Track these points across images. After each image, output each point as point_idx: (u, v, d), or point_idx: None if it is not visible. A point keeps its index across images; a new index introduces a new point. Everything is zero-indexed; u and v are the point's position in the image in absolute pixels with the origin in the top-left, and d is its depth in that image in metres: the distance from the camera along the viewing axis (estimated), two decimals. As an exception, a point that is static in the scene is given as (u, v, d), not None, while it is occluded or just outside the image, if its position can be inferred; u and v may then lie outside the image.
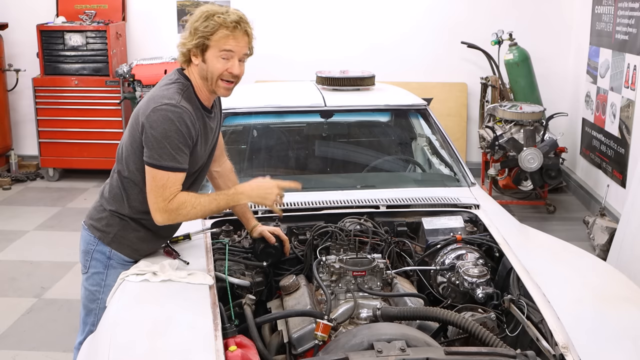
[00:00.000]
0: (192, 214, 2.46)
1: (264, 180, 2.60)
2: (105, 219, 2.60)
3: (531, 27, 6.86)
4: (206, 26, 2.41)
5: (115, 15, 7.10)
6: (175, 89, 2.46)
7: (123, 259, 2.61)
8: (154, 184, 2.41)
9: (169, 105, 2.39)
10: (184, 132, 2.39)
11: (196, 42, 2.43)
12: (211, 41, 2.43)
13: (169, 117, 2.37)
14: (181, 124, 2.39)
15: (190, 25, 2.45)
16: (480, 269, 2.70)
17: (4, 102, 7.17)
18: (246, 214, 2.88)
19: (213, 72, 2.46)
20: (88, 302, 2.65)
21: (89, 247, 2.62)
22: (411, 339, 2.07)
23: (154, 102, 2.43)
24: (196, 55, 2.47)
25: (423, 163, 4.07)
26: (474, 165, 6.50)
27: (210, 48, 2.44)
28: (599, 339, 2.13)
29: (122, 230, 2.59)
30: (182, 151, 2.41)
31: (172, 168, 2.39)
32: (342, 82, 4.10)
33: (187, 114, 2.41)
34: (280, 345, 2.44)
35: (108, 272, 2.60)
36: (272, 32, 6.96)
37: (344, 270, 2.67)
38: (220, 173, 2.89)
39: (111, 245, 2.59)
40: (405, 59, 7.11)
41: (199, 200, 2.46)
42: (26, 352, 3.76)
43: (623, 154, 5.45)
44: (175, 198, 2.41)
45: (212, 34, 2.42)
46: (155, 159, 2.39)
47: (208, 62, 2.46)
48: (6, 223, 5.80)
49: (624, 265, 4.17)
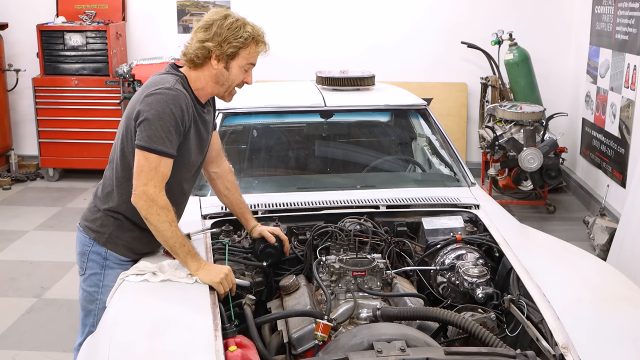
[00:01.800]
0: (163, 227, 2.37)
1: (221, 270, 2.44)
2: (100, 219, 2.59)
3: (531, 27, 6.86)
4: (239, 36, 2.43)
5: (115, 15, 7.10)
6: (170, 77, 2.48)
7: (119, 258, 2.59)
8: (147, 165, 2.36)
9: (164, 88, 2.40)
10: (177, 115, 2.38)
11: (230, 51, 2.43)
12: (241, 52, 2.45)
13: (163, 99, 2.38)
14: (176, 106, 2.38)
15: (219, 29, 2.43)
16: (480, 269, 2.70)
17: (4, 102, 7.17)
18: (245, 215, 2.88)
19: (234, 81, 2.50)
20: (86, 303, 2.65)
21: (84, 249, 2.61)
22: (411, 339, 2.07)
23: (147, 88, 2.44)
24: (220, 61, 2.46)
25: (423, 163, 4.07)
26: (474, 165, 6.50)
27: (238, 58, 2.46)
28: (599, 339, 2.13)
29: (117, 230, 2.58)
30: (173, 135, 2.38)
31: (161, 152, 2.37)
32: (342, 82, 4.10)
33: (182, 96, 2.42)
34: (280, 345, 2.44)
35: (105, 273, 2.59)
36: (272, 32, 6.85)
37: (344, 270, 2.67)
38: (218, 174, 2.88)
39: (106, 245, 2.58)
40: (405, 59, 7.11)
41: (176, 225, 2.40)
42: (26, 352, 3.76)
43: (623, 154, 5.45)
44: (165, 197, 2.38)
45: (244, 47, 2.45)
46: (145, 141, 2.36)
47: (231, 71, 2.48)
48: (6, 223, 5.80)
49: (624, 265, 4.17)
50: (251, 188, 3.47)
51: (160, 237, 2.40)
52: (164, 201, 2.38)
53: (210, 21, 2.46)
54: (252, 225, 2.86)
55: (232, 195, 2.89)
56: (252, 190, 3.38)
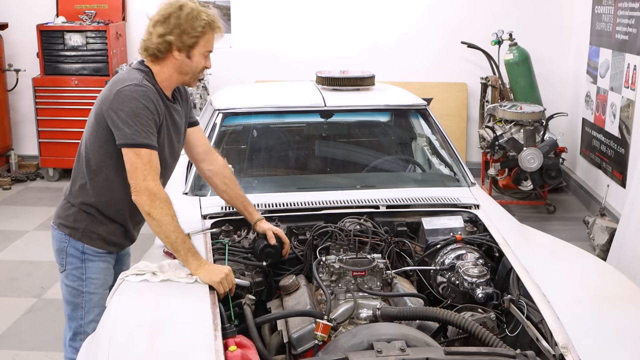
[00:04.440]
0: (166, 221, 2.37)
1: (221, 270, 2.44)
2: (73, 215, 2.62)
3: (531, 27, 6.85)
4: (196, 26, 2.47)
5: (115, 15, 7.10)
6: (136, 73, 2.51)
7: (96, 251, 2.64)
8: (140, 161, 2.38)
9: (132, 85, 2.43)
10: (151, 109, 2.42)
11: (190, 42, 2.48)
12: (200, 40, 2.50)
13: (134, 96, 2.41)
14: (147, 101, 2.42)
15: (175, 20, 2.47)
16: (480, 269, 2.70)
17: (4, 102, 7.17)
18: (248, 208, 2.87)
19: (197, 68, 2.55)
20: (72, 297, 2.67)
21: (61, 245, 2.65)
22: (411, 339, 2.07)
23: (116, 85, 2.47)
24: (181, 51, 2.51)
25: (423, 163, 4.07)
26: (474, 165, 6.50)
27: (198, 46, 2.51)
28: (599, 339, 2.13)
29: (90, 224, 2.61)
30: (152, 129, 2.42)
31: (148, 145, 2.39)
32: (342, 82, 4.10)
33: (151, 91, 2.45)
34: (280, 345, 2.44)
35: (86, 266, 2.63)
36: (272, 31, 6.96)
37: (344, 270, 2.67)
38: (213, 171, 2.86)
39: (82, 240, 2.62)
40: (405, 59, 7.11)
41: (177, 220, 2.42)
42: (26, 352, 3.76)
43: (623, 154, 5.45)
44: (164, 190, 2.41)
45: (202, 35, 2.49)
46: (129, 138, 2.38)
47: (193, 59, 2.53)
48: (6, 223, 5.80)
49: (624, 265, 4.17)
50: (251, 188, 3.47)
51: (162, 232, 2.40)
52: (165, 194, 2.42)
53: (167, 14, 2.50)
54: (255, 218, 2.85)
55: (231, 191, 2.88)
56: (252, 190, 3.38)
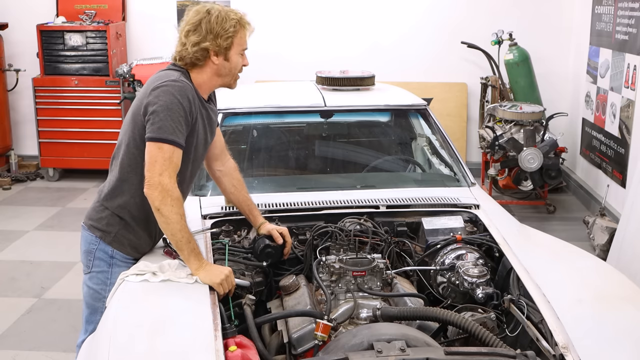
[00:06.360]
0: (174, 219, 2.38)
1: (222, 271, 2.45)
2: (106, 218, 2.61)
3: (531, 27, 6.85)
4: (228, 27, 2.50)
5: (115, 15, 7.10)
6: (174, 72, 2.53)
7: (125, 257, 2.63)
8: (161, 154, 2.38)
9: (170, 81, 2.45)
10: (184, 106, 2.43)
11: (226, 44, 2.50)
12: (234, 40, 2.53)
13: (170, 91, 2.42)
14: (183, 97, 2.43)
15: (207, 25, 2.49)
16: (480, 269, 2.70)
17: (4, 102, 7.17)
18: (253, 212, 2.90)
19: (236, 69, 2.59)
20: (93, 300, 2.66)
21: (91, 247, 2.63)
22: (411, 339, 2.07)
23: (153, 82, 2.48)
24: (218, 55, 2.53)
25: (423, 163, 4.07)
26: (474, 165, 6.50)
27: (233, 47, 2.54)
28: (599, 339, 2.13)
29: (123, 229, 2.60)
30: (182, 126, 2.43)
31: (173, 142, 2.40)
32: (342, 82, 4.10)
33: (188, 87, 2.47)
34: (280, 346, 2.44)
35: (112, 271, 2.62)
36: (272, 32, 6.96)
37: (344, 270, 2.67)
38: (224, 172, 2.90)
39: (112, 244, 2.61)
40: (405, 59, 7.11)
41: (185, 219, 2.42)
42: (26, 352, 3.76)
43: (623, 154, 5.45)
44: (178, 189, 2.40)
45: (235, 34, 2.52)
46: (156, 132, 2.39)
47: (231, 60, 2.56)
48: (6, 223, 5.79)
49: (624, 265, 4.17)
50: (251, 188, 3.45)
51: (169, 230, 2.40)
52: (178, 193, 2.41)
53: (197, 21, 2.51)
54: (259, 222, 2.88)
55: (238, 193, 2.91)
56: (252, 190, 3.36)
